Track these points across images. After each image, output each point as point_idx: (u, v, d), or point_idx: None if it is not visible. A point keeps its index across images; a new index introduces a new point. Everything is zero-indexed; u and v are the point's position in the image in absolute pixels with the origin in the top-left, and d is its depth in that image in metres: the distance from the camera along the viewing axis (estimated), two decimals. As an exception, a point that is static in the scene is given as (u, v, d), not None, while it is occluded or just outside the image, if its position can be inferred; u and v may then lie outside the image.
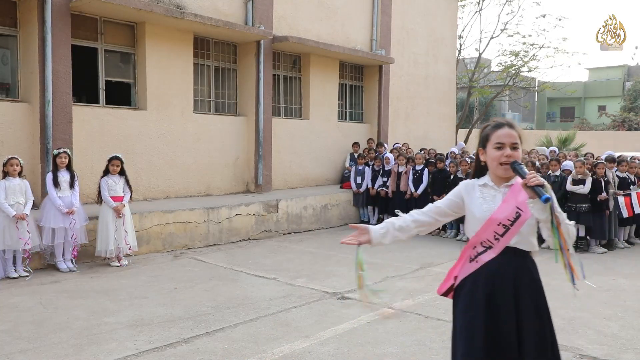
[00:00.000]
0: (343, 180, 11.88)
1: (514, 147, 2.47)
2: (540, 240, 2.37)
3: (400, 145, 11.92)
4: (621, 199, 8.64)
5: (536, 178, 2.28)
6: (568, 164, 9.21)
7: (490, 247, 2.50)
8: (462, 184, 2.68)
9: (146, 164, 9.06)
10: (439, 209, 2.69)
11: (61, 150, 6.96)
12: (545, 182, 2.29)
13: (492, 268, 2.49)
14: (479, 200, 2.56)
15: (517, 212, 2.43)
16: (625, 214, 8.69)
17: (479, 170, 2.65)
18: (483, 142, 2.57)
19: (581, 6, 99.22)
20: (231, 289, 6.09)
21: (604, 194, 8.44)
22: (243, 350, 4.28)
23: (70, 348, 4.28)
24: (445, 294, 2.72)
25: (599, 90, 43.44)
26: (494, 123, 2.57)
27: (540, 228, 2.46)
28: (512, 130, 2.49)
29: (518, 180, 2.45)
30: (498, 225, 2.46)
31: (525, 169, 2.40)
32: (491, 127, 2.55)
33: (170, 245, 8.09)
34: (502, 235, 2.46)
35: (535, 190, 2.29)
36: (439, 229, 10.15)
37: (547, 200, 2.24)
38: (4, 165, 6.51)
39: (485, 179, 2.58)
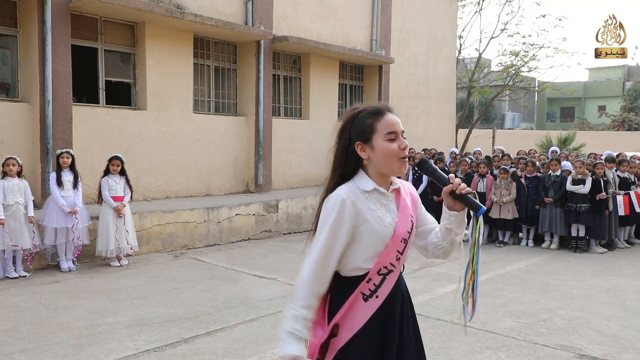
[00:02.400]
0: (343, 180, 11.87)
1: (403, 136, 1.98)
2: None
3: None
4: (619, 197, 8.64)
5: (464, 184, 1.89)
6: (568, 164, 9.21)
7: (390, 272, 1.94)
8: (340, 198, 1.88)
9: (146, 164, 9.06)
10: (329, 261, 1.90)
11: (64, 150, 6.97)
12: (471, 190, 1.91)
13: (395, 297, 1.97)
14: (376, 213, 1.92)
15: (412, 221, 2.00)
16: (621, 212, 8.69)
17: (346, 171, 1.97)
18: (364, 134, 1.94)
19: (581, 6, 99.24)
20: (231, 289, 6.09)
21: (603, 193, 8.43)
22: (243, 350, 4.28)
23: (70, 348, 4.28)
24: (320, 355, 1.94)
25: (599, 90, 43.44)
26: (373, 109, 1.99)
27: (419, 234, 2.06)
28: (396, 117, 2.01)
29: (395, 180, 2.03)
30: (401, 241, 1.95)
31: (441, 171, 1.98)
32: (370, 114, 1.97)
33: (170, 245, 8.09)
34: (402, 253, 1.97)
35: (467, 200, 1.88)
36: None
37: (482, 212, 1.86)
38: (2, 165, 6.51)
39: (372, 183, 1.95)
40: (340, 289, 1.95)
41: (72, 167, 6.94)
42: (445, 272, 7.02)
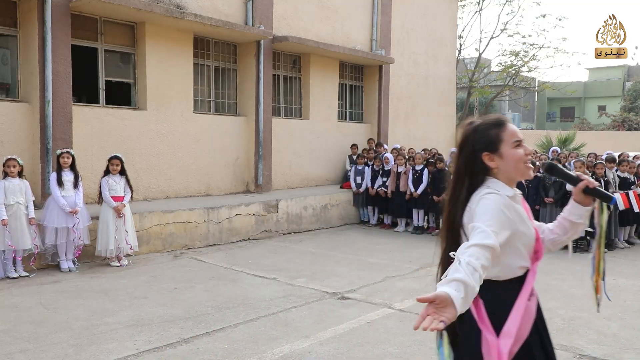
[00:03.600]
0: (344, 181, 11.88)
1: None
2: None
3: (400, 147, 11.90)
4: (617, 195, 8.65)
5: (592, 179, 2.10)
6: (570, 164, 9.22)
7: (528, 270, 2.09)
8: (497, 198, 2.00)
9: (146, 164, 9.06)
10: (494, 247, 1.83)
11: (64, 150, 6.97)
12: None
13: (534, 293, 2.12)
14: (522, 216, 2.10)
15: None
16: (621, 207, 8.68)
17: (474, 181, 2.10)
18: (491, 144, 2.10)
19: (581, 6, 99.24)
20: (231, 289, 6.09)
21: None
22: (243, 350, 4.28)
23: (70, 348, 4.28)
24: None
25: (599, 90, 43.43)
26: (493, 121, 2.15)
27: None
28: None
29: None
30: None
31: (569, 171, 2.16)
32: (493, 125, 2.13)
33: (170, 245, 8.09)
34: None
35: (599, 193, 2.06)
36: (438, 228, 10.14)
37: (614, 202, 2.06)
38: (3, 165, 6.52)
39: (510, 189, 2.10)
40: (500, 294, 2.03)
41: (72, 167, 6.95)
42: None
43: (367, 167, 11.00)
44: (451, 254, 1.77)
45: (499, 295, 2.02)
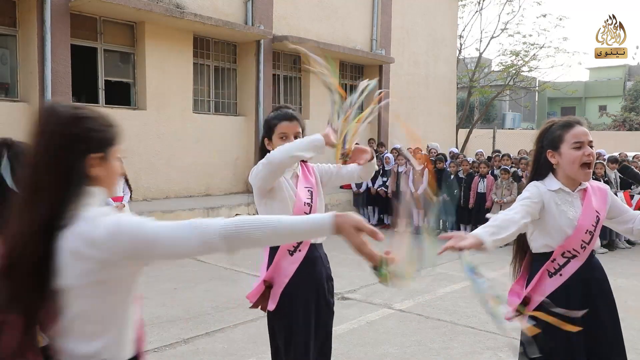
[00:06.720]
0: (344, 180, 11.84)
1: (591, 145, 2.34)
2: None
3: (400, 147, 11.83)
4: (620, 194, 8.65)
5: None
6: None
7: (574, 257, 2.38)
8: (535, 186, 2.39)
9: (146, 164, 9.04)
10: (526, 209, 2.31)
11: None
12: None
13: (584, 278, 2.41)
14: (560, 207, 2.37)
15: (597, 216, 2.40)
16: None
17: (539, 172, 2.45)
18: (553, 143, 2.37)
19: (581, 6, 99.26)
20: (231, 289, 6.07)
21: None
22: (243, 351, 4.27)
23: (69, 348, 4.26)
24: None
25: (600, 90, 43.39)
26: (563, 122, 2.39)
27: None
28: (586, 128, 2.37)
29: (591, 183, 2.45)
30: (586, 232, 2.36)
31: None
32: (560, 126, 2.37)
33: (170, 245, 8.07)
34: (588, 243, 2.38)
35: None
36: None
37: None
38: (4, 165, 6.50)
39: (557, 184, 2.39)
40: (534, 265, 2.47)
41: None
42: (445, 272, 7.00)
43: (367, 167, 10.97)
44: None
45: (534, 267, 2.47)
